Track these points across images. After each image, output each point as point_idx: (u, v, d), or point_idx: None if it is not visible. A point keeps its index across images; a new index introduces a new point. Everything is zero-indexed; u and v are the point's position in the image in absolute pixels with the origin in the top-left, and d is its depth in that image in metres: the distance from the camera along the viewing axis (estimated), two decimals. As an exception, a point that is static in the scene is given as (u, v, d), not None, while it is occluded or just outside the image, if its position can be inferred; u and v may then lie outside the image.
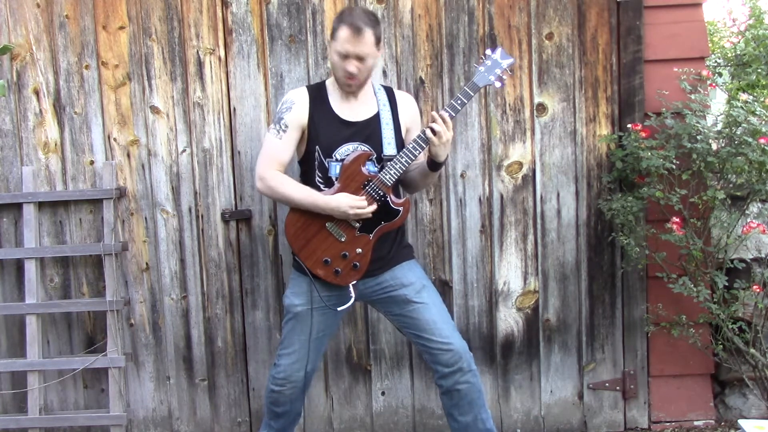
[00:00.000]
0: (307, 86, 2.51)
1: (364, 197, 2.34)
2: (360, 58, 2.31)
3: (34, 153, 2.96)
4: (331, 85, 2.47)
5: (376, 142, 2.40)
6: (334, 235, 2.39)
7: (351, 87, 2.39)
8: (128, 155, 2.95)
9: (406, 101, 2.54)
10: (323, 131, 2.40)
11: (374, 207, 2.34)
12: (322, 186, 2.41)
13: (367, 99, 2.46)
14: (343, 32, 2.29)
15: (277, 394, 2.52)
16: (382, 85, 2.53)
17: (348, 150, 2.39)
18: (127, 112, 2.94)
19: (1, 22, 2.90)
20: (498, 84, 2.38)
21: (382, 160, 2.39)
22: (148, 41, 2.91)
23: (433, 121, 2.30)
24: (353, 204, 2.31)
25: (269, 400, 2.56)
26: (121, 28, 2.90)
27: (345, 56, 2.31)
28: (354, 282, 2.41)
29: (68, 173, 2.97)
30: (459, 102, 2.34)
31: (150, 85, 2.92)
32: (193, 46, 2.91)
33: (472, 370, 2.43)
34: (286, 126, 2.41)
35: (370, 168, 2.39)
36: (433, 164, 2.38)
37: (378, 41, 2.35)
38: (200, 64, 2.91)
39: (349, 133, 2.41)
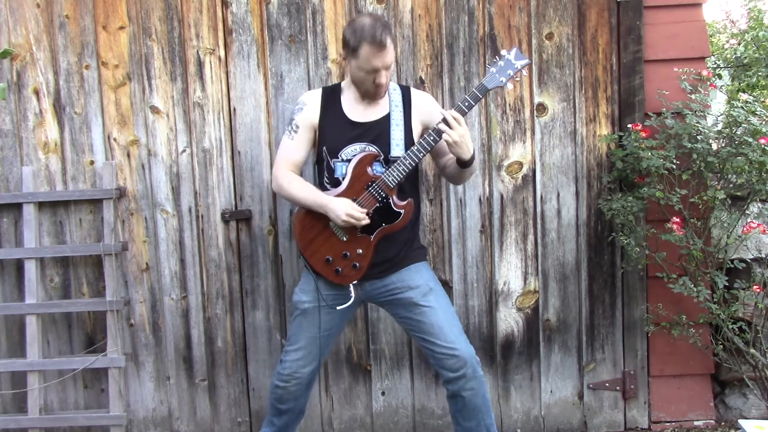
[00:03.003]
0: (323, 88, 2.52)
1: (365, 209, 2.32)
2: (387, 68, 2.32)
3: (34, 153, 2.96)
4: (345, 86, 2.47)
5: (383, 143, 2.39)
6: (336, 234, 2.39)
7: (381, 95, 2.40)
8: (128, 155, 2.95)
9: (421, 100, 2.50)
10: (330, 132, 2.41)
11: (367, 221, 2.32)
12: (329, 186, 2.41)
13: (380, 100, 2.44)
14: (367, 50, 2.25)
15: (282, 390, 2.52)
16: (399, 85, 2.50)
17: (354, 150, 2.38)
18: (127, 112, 2.94)
19: (1, 22, 2.90)
20: (509, 86, 2.36)
21: (389, 162, 2.37)
22: (148, 41, 2.91)
23: (442, 122, 2.27)
24: (349, 212, 2.29)
25: (273, 397, 2.56)
26: (121, 28, 2.90)
27: (373, 71, 2.29)
28: (355, 282, 2.41)
29: (68, 173, 2.97)
30: (466, 104, 2.29)
31: (150, 85, 2.93)
32: (193, 46, 2.91)
33: (477, 377, 2.40)
34: (297, 126, 2.43)
35: (377, 169, 2.38)
36: (461, 162, 2.35)
37: (395, 44, 2.34)
38: (200, 64, 2.91)
39: (356, 133, 2.40)
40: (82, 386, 3.06)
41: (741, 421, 2.48)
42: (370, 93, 2.38)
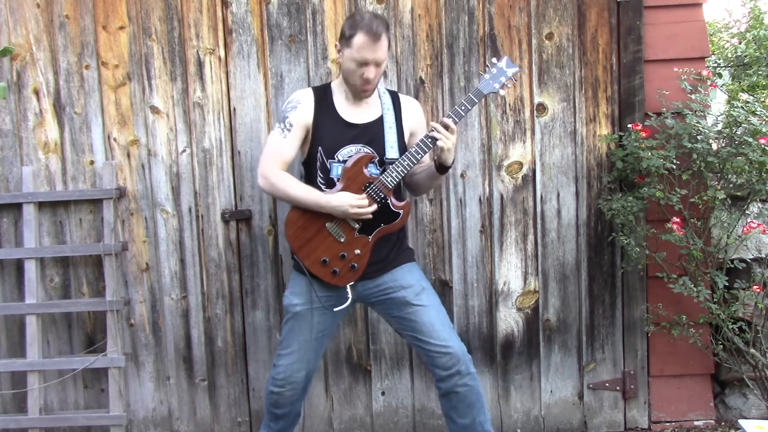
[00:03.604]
0: (312, 87, 2.51)
1: (365, 198, 2.34)
2: (377, 64, 2.33)
3: (34, 153, 2.96)
4: (336, 87, 2.47)
5: (378, 145, 2.41)
6: (333, 235, 2.38)
7: (367, 93, 2.40)
8: (128, 155, 2.95)
9: (410, 106, 2.55)
10: (327, 132, 2.41)
11: (374, 207, 2.34)
12: (323, 187, 2.41)
13: (371, 102, 2.46)
14: (361, 39, 2.27)
15: (277, 396, 2.51)
16: (387, 89, 2.54)
17: (351, 151, 2.39)
18: (127, 112, 2.94)
19: (1, 22, 2.90)
20: (502, 92, 2.41)
21: (384, 163, 2.39)
22: (148, 41, 2.91)
23: (434, 129, 2.31)
24: (354, 203, 2.31)
25: (269, 402, 2.55)
26: (121, 28, 2.90)
27: (363, 63, 2.30)
28: (352, 283, 2.41)
29: (68, 173, 2.97)
30: (463, 108, 2.35)
31: (150, 85, 2.92)
32: (193, 46, 2.91)
33: (471, 373, 2.42)
34: (291, 125, 2.42)
35: (372, 170, 2.39)
36: (441, 168, 2.39)
37: (389, 44, 2.37)
38: (200, 64, 2.91)
39: (353, 134, 2.41)
40: (82, 386, 3.06)
41: (741, 421, 2.48)
42: (357, 89, 2.39)
